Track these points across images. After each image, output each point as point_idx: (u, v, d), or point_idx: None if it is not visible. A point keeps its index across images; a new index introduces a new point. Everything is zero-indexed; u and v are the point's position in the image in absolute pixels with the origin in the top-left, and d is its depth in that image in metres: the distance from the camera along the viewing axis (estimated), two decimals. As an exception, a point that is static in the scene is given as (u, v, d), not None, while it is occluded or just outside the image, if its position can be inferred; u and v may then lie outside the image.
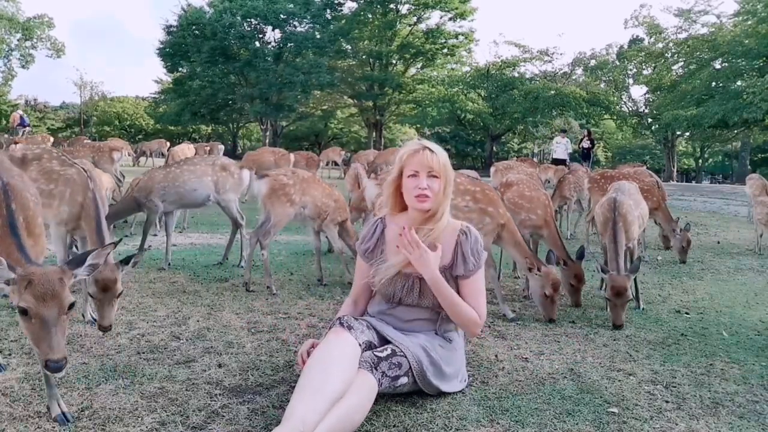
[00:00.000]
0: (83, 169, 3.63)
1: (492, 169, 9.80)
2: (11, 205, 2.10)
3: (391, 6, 35.35)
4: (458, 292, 2.51)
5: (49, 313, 1.83)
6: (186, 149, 18.24)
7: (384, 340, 2.43)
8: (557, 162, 16.54)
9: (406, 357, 2.35)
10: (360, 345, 2.30)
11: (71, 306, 1.89)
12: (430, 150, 2.45)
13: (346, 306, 2.67)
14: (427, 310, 2.54)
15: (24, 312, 1.83)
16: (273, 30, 35.19)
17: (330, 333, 2.35)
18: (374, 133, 37.40)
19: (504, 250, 4.38)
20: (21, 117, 21.22)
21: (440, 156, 2.45)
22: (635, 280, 4.38)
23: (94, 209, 3.44)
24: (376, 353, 2.31)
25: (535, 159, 29.81)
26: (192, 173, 5.33)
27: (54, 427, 2.15)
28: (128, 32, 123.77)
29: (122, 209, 5.58)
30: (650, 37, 30.24)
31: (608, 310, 3.93)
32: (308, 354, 2.32)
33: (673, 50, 28.70)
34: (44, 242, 2.26)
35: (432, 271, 2.41)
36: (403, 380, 2.34)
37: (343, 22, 35.24)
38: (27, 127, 21.17)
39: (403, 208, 2.57)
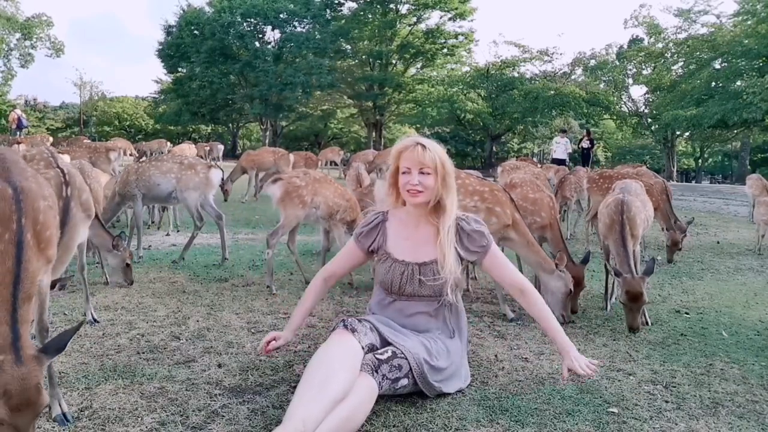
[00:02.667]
0: (63, 172, 3.38)
1: (499, 170, 9.96)
2: (22, 219, 1.93)
3: (391, 6, 35.33)
4: (492, 274, 2.66)
5: (23, 422, 1.70)
6: (186, 149, 18.25)
7: (386, 341, 2.43)
8: (557, 162, 16.52)
9: (406, 359, 2.35)
10: (363, 348, 2.31)
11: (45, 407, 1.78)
12: (422, 146, 2.45)
13: (316, 284, 2.70)
14: (428, 300, 2.56)
15: None
16: (273, 30, 35.22)
17: (333, 335, 2.35)
18: (374, 133, 37.40)
19: (516, 252, 4.33)
20: (19, 119, 21.20)
21: (434, 151, 2.45)
22: (614, 280, 4.35)
23: (61, 218, 3.09)
24: (377, 356, 2.32)
25: (535, 159, 29.81)
26: (158, 169, 5.70)
27: (54, 427, 2.15)
28: (128, 32, 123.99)
29: (110, 207, 5.73)
30: (650, 37, 30.21)
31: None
32: (267, 344, 2.50)
33: (672, 50, 28.66)
34: (53, 252, 2.13)
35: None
36: (404, 382, 2.35)
37: (343, 22, 35.26)
38: (24, 128, 21.17)
39: (402, 202, 2.61)
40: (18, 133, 20.41)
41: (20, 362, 1.70)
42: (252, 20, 34.02)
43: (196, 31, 33.52)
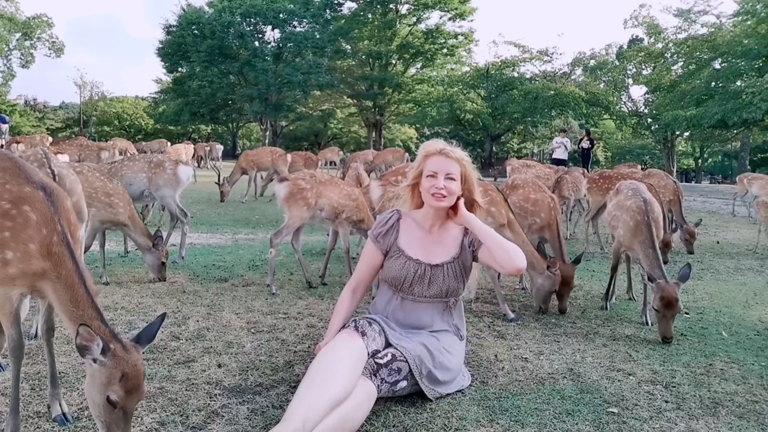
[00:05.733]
0: (53, 174, 3.42)
1: (508, 168, 10.16)
2: (61, 219, 1.96)
3: (391, 6, 35.35)
4: (485, 260, 2.62)
5: (133, 404, 1.84)
6: (182, 149, 18.21)
7: (388, 343, 2.45)
8: (557, 162, 16.49)
9: (406, 361, 2.37)
10: (369, 353, 2.34)
11: None
12: (449, 152, 2.53)
13: (345, 297, 2.68)
14: (435, 302, 2.59)
15: (112, 403, 1.78)
16: (272, 30, 35.26)
17: (343, 333, 2.37)
18: (374, 133, 37.40)
19: None
20: (2, 117, 21.04)
21: (460, 159, 2.54)
22: (613, 276, 4.35)
23: None
24: (376, 360, 2.34)
25: (534, 158, 29.77)
26: (129, 169, 5.71)
27: (54, 427, 2.14)
28: (126, 32, 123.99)
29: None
30: (650, 37, 30.16)
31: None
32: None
33: (672, 50, 28.61)
34: (81, 252, 2.18)
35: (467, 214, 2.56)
36: (402, 384, 2.37)
37: (343, 22, 35.30)
38: (7, 124, 20.96)
39: (419, 204, 2.65)
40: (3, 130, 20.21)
41: (127, 350, 1.82)
42: (251, 20, 34.05)
43: (196, 31, 33.55)
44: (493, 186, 4.33)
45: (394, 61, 36.50)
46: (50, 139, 17.62)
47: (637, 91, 32.88)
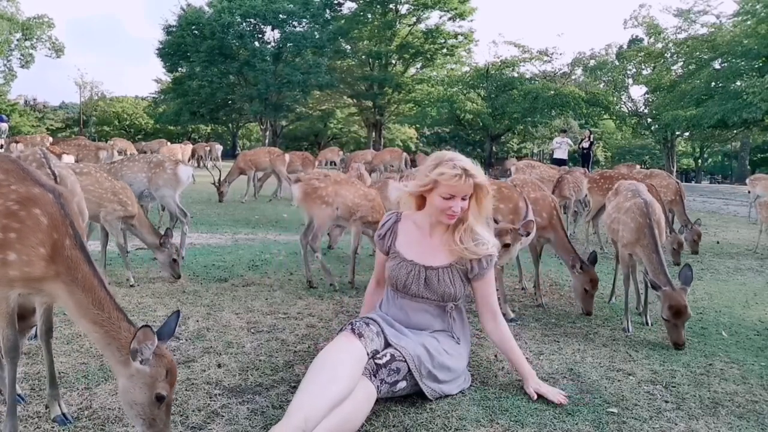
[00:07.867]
0: (54, 175, 3.43)
1: (512, 168, 10.25)
2: (73, 222, 1.95)
3: (391, 6, 35.38)
4: (473, 292, 2.69)
5: (172, 396, 1.92)
6: (178, 149, 18.15)
7: (387, 343, 2.45)
8: (557, 162, 16.49)
9: (405, 361, 2.37)
10: (368, 354, 2.34)
11: None
12: (469, 175, 2.45)
13: (370, 289, 2.89)
14: (432, 304, 2.60)
15: (160, 399, 1.84)
16: (272, 30, 35.30)
17: (342, 336, 2.38)
18: (374, 133, 37.42)
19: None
20: (0, 116, 21.03)
21: (477, 178, 2.48)
22: (627, 288, 4.32)
23: None
24: (376, 360, 2.34)
25: (534, 158, 29.78)
26: (129, 169, 5.69)
27: (53, 427, 2.14)
28: (126, 32, 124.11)
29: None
30: (650, 38, 30.20)
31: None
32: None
33: (672, 50, 28.64)
34: None
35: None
36: (402, 384, 2.37)
37: (343, 22, 35.34)
38: (6, 124, 20.96)
39: (420, 206, 2.66)
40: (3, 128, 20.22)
41: (159, 347, 1.88)
42: (251, 20, 34.09)
43: (196, 31, 33.60)
44: (508, 184, 4.37)
45: (394, 61, 36.53)
46: (50, 139, 17.60)
47: (637, 91, 32.89)
